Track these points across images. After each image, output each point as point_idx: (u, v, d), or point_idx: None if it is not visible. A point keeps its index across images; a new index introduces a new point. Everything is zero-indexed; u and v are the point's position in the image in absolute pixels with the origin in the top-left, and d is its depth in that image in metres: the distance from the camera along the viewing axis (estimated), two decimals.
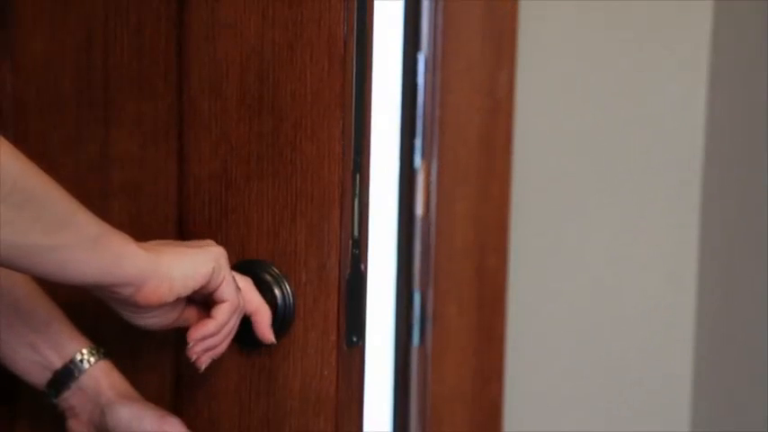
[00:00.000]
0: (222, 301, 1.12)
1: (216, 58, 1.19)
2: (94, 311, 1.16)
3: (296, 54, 1.17)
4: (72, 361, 1.20)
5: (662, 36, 1.96)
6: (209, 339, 1.13)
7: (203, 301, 1.14)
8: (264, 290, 1.18)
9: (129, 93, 1.22)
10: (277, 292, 1.17)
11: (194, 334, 1.13)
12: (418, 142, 2.03)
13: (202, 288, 1.10)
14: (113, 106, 1.22)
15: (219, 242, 1.18)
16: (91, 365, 1.20)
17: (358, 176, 1.19)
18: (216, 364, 1.17)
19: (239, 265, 1.18)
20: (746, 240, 2.12)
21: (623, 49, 1.97)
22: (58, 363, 1.20)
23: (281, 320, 1.18)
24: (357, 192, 1.19)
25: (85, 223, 1.01)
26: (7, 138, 0.94)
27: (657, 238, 1.99)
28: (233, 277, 1.13)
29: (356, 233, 1.18)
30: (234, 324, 1.14)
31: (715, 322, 2.04)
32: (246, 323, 1.16)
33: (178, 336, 1.17)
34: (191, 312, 1.15)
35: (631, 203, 1.99)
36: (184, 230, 1.21)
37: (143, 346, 1.23)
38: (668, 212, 1.98)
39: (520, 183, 2.00)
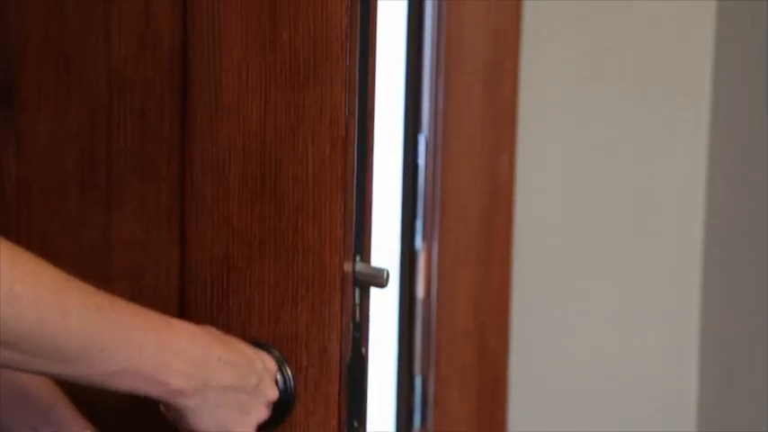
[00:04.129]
0: None
1: (218, 141, 1.20)
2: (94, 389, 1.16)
3: (298, 138, 1.18)
4: None
5: (660, 120, 1.97)
6: None
7: None
8: None
9: (131, 176, 1.22)
10: (278, 375, 1.17)
11: None
12: (419, 224, 2.03)
13: None
14: (116, 190, 1.23)
15: (220, 325, 1.18)
16: None
17: (359, 259, 1.19)
18: None
19: None
20: (748, 319, 2.12)
21: (623, 133, 1.98)
22: None
23: (283, 404, 1.17)
24: (358, 274, 1.19)
25: (103, 357, 1.00)
26: (10, 221, 0.94)
27: (659, 321, 1.99)
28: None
29: (357, 317, 1.18)
30: None
31: (719, 397, 2.04)
32: None
33: None
34: None
35: (632, 286, 1.99)
36: (186, 314, 1.21)
37: (144, 424, 1.23)
38: (669, 294, 1.98)
39: (521, 265, 2.00)
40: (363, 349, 1.19)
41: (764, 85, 2.07)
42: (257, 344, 1.18)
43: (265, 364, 1.14)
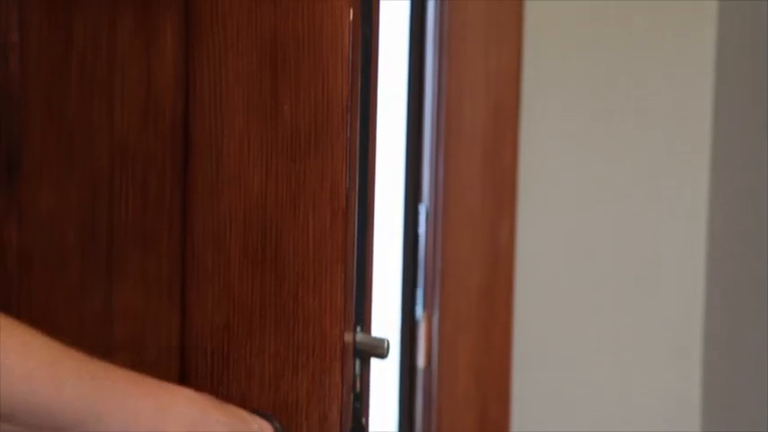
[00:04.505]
0: None
1: (220, 211, 1.21)
2: None
3: (298, 208, 1.19)
4: None
5: (661, 187, 1.98)
6: None
7: None
8: None
9: (133, 246, 1.23)
10: None
11: None
12: (419, 293, 2.03)
13: None
14: (117, 260, 1.23)
15: (220, 395, 1.18)
16: None
17: (359, 329, 1.20)
18: None
19: None
20: (748, 380, 2.11)
21: (622, 201, 1.99)
22: None
23: None
24: (359, 344, 1.19)
25: (99, 426, 0.99)
26: (11, 292, 0.95)
27: (660, 387, 1.98)
28: None
29: (357, 387, 1.18)
30: None
31: None
32: None
33: None
34: None
35: (632, 353, 1.99)
36: (186, 383, 1.21)
37: None
38: (669, 363, 1.98)
39: (522, 332, 2.00)
40: (364, 419, 1.19)
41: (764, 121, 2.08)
42: (258, 413, 1.18)
43: (263, 429, 1.14)
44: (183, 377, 1.22)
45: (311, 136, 1.19)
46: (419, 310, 2.03)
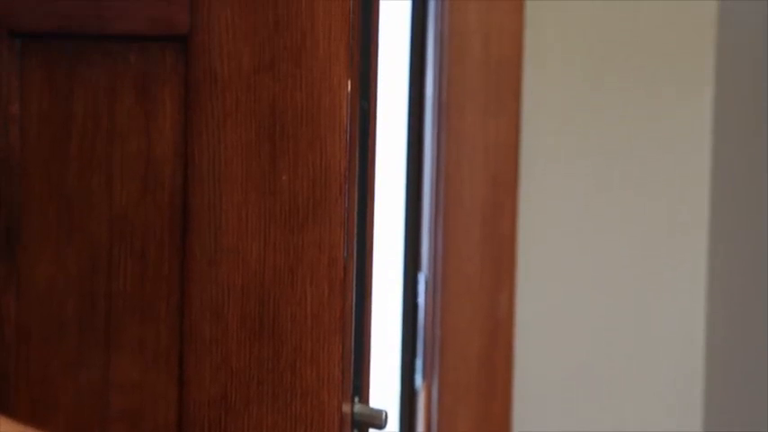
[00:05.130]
0: None
1: (218, 282, 1.21)
2: None
3: (296, 278, 1.19)
4: None
5: (657, 252, 1.98)
6: None
7: None
8: None
9: (131, 317, 1.23)
10: None
11: None
12: (419, 363, 2.03)
13: None
14: (115, 332, 1.23)
15: None
16: None
17: (357, 400, 1.19)
18: None
19: None
20: None
21: (620, 272, 1.99)
22: None
23: None
24: (357, 415, 1.19)
25: None
26: (8, 364, 0.95)
27: None
28: None
29: None
30: None
31: None
32: None
33: None
34: None
35: (633, 423, 1.98)
36: None
37: None
38: (671, 415, 1.97)
39: (521, 402, 2.00)
40: None
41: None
42: None
43: None
44: None
45: (309, 206, 1.19)
46: (418, 380, 2.03)
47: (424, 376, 2.02)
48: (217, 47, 1.19)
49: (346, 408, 1.17)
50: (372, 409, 1.20)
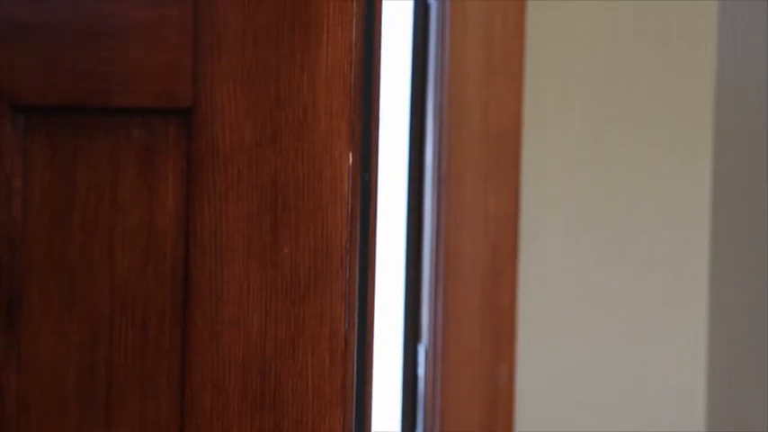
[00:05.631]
0: None
1: (219, 354, 1.21)
2: None
3: (297, 350, 1.19)
4: None
5: (655, 325, 1.98)
6: None
7: None
8: None
9: (131, 390, 1.22)
10: None
11: None
12: None
13: None
14: (116, 404, 1.23)
15: None
16: None
17: None
18: None
19: None
20: None
21: (620, 343, 1.99)
22: None
23: None
24: None
25: None
26: None
27: None
28: None
29: None
30: None
31: None
32: None
33: None
34: None
35: None
36: None
37: None
38: None
39: None
40: None
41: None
42: None
43: None
44: None
45: (311, 278, 1.20)
46: None
47: None
48: (219, 120, 1.20)
49: None
50: None
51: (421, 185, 2.04)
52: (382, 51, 1.27)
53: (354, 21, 1.19)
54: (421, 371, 2.01)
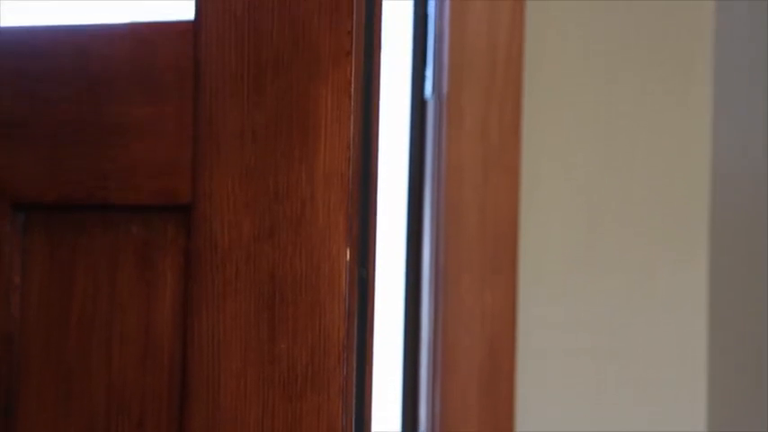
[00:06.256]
0: None
1: None
2: None
3: None
4: None
5: (657, 409, 1.97)
6: None
7: None
8: None
9: None
10: None
11: None
12: None
13: None
14: None
15: None
16: None
17: None
18: None
19: None
20: None
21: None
22: None
23: None
24: None
25: None
26: None
27: None
28: None
29: None
30: None
31: None
32: None
33: None
34: None
35: None
36: None
37: None
38: None
39: None
40: None
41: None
42: None
43: None
44: None
45: (308, 375, 1.19)
46: None
47: None
48: (218, 216, 1.20)
49: None
50: None
51: (418, 282, 2.04)
52: (380, 147, 1.28)
53: (352, 117, 1.20)
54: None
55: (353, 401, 1.23)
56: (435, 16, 2.02)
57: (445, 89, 2.00)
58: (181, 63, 1.21)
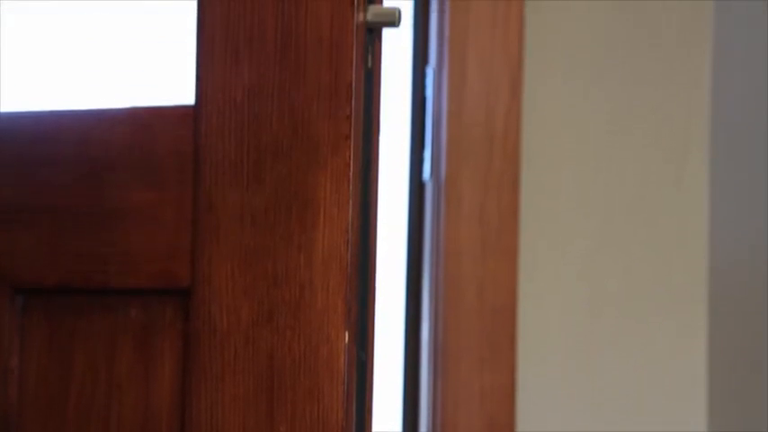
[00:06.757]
0: None
1: None
2: None
3: None
4: None
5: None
6: None
7: None
8: None
9: None
10: None
11: None
12: None
13: None
14: None
15: None
16: None
17: None
18: None
19: None
20: None
21: None
22: None
23: None
24: None
25: None
26: None
27: None
28: None
29: None
30: None
31: None
32: None
33: None
34: None
35: None
36: None
37: None
38: None
39: None
40: None
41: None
42: None
43: None
44: None
45: None
46: None
47: None
48: (217, 300, 1.21)
49: None
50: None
51: (417, 362, 2.04)
52: (378, 229, 1.28)
53: (351, 201, 1.20)
54: None
55: None
56: (433, 100, 2.04)
57: (443, 172, 2.01)
58: (180, 148, 1.22)
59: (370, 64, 1.24)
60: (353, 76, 1.19)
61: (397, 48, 2.11)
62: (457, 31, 2.03)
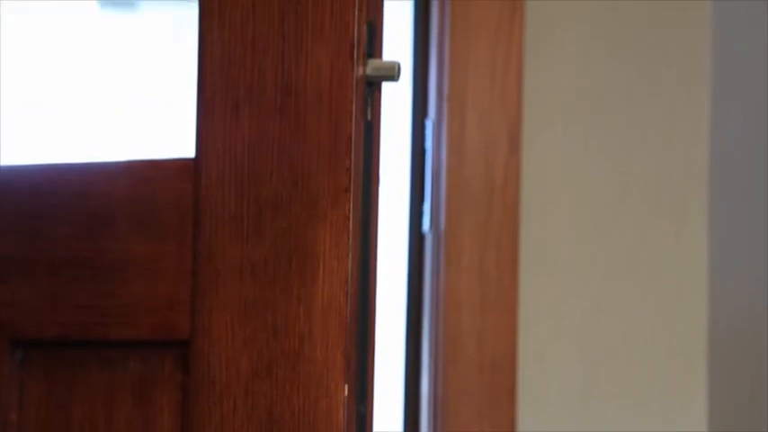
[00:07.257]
0: None
1: None
2: None
3: None
4: None
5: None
6: None
7: None
8: None
9: None
10: None
11: None
12: None
13: None
14: None
15: None
16: None
17: None
18: None
19: None
20: None
21: None
22: None
23: None
24: None
25: None
26: None
27: None
28: None
29: None
30: None
31: None
32: None
33: None
34: None
35: None
36: None
37: None
38: None
39: None
40: None
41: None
42: None
43: None
44: None
45: None
46: None
47: None
48: (216, 352, 1.21)
49: None
50: None
51: (417, 416, 2.04)
52: (378, 281, 1.29)
53: (350, 254, 1.21)
54: None
55: None
56: (432, 152, 2.05)
57: (443, 224, 2.01)
58: (180, 200, 1.22)
59: (369, 117, 1.24)
60: (353, 129, 1.20)
61: (396, 100, 2.12)
62: (456, 84, 2.04)
